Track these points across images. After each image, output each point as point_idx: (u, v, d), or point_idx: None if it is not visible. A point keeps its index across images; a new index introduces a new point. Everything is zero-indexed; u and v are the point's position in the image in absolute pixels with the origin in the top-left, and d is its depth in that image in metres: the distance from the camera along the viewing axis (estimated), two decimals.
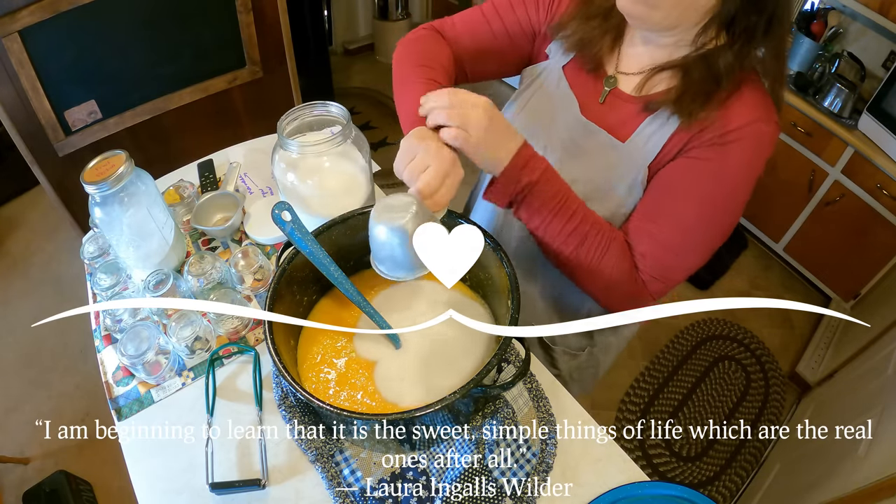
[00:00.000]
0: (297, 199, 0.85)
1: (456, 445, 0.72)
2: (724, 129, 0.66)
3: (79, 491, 1.60)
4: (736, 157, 0.67)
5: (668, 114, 0.70)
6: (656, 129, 0.72)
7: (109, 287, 0.89)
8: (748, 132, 0.66)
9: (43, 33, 1.47)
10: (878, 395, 1.38)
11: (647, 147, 0.73)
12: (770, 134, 0.67)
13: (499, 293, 0.73)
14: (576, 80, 0.80)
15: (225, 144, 1.19)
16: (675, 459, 1.84)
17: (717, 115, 0.67)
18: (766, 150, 0.68)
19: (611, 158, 0.76)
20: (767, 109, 0.67)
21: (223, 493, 0.70)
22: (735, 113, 0.66)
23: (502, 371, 0.78)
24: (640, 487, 0.70)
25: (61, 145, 1.68)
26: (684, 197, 0.71)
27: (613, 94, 0.77)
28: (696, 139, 0.69)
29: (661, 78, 0.72)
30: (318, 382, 0.71)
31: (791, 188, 2.20)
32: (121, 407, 0.79)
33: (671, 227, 0.72)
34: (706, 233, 0.73)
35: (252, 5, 1.80)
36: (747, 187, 0.70)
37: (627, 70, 0.76)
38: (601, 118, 0.77)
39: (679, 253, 0.73)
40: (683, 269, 0.76)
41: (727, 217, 0.72)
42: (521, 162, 0.67)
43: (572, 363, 1.04)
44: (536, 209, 0.70)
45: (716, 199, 0.70)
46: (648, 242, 0.73)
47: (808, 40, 2.12)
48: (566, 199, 0.70)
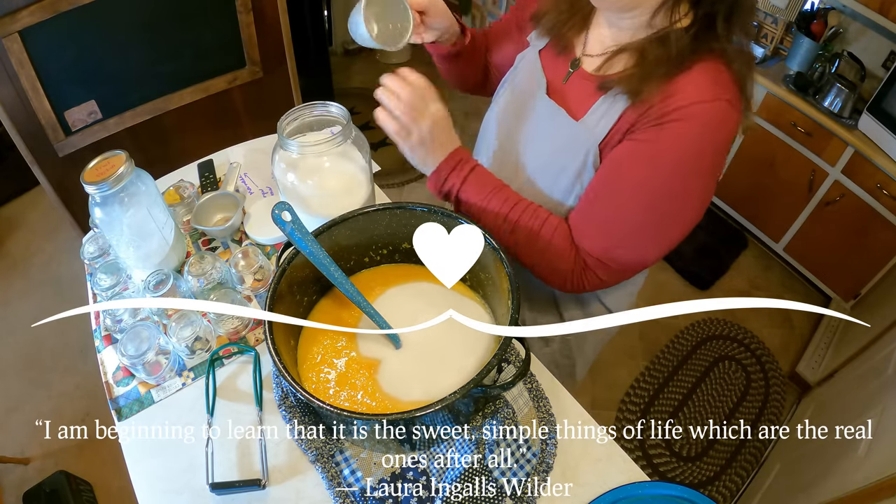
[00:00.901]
0: (297, 200, 0.85)
1: (456, 445, 0.72)
2: (665, 110, 0.66)
3: (79, 491, 1.60)
4: (673, 138, 0.66)
5: (618, 94, 0.71)
6: (607, 109, 0.73)
7: (109, 287, 0.89)
8: (689, 112, 0.65)
9: (43, 33, 1.47)
10: (878, 395, 1.38)
11: (599, 127, 0.74)
12: (717, 113, 0.65)
13: (499, 293, 0.73)
14: (548, 63, 0.84)
15: (225, 144, 1.19)
16: (675, 459, 1.84)
17: (662, 95, 0.66)
18: (715, 132, 0.66)
19: (565, 137, 0.78)
20: (717, 90, 0.65)
21: (223, 494, 0.70)
22: (679, 93, 0.66)
23: (502, 371, 0.78)
24: (640, 487, 0.70)
25: (61, 145, 1.68)
26: (623, 178, 0.71)
27: (577, 74, 0.79)
28: (640, 120, 0.69)
29: (619, 59, 0.74)
30: (318, 382, 0.71)
31: (791, 188, 2.20)
32: (121, 407, 0.79)
33: (612, 209, 0.72)
34: (648, 215, 0.72)
35: (252, 5, 1.80)
36: (694, 169, 0.68)
37: (592, 52, 0.78)
38: (563, 98, 0.80)
39: (621, 236, 0.74)
40: (629, 253, 0.75)
41: (673, 200, 0.71)
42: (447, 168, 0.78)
43: (545, 350, 1.05)
44: (466, 203, 0.79)
45: (653, 180, 0.69)
46: (591, 224, 0.74)
47: (807, 40, 2.12)
48: (494, 193, 0.77)
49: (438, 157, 0.78)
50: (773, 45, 2.30)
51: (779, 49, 2.32)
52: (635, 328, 2.20)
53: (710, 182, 0.71)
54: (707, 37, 0.66)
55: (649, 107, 0.68)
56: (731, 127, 0.67)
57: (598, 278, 0.76)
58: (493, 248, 0.70)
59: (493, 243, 0.70)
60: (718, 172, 0.72)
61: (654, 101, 0.67)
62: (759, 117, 2.22)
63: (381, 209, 0.76)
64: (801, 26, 2.15)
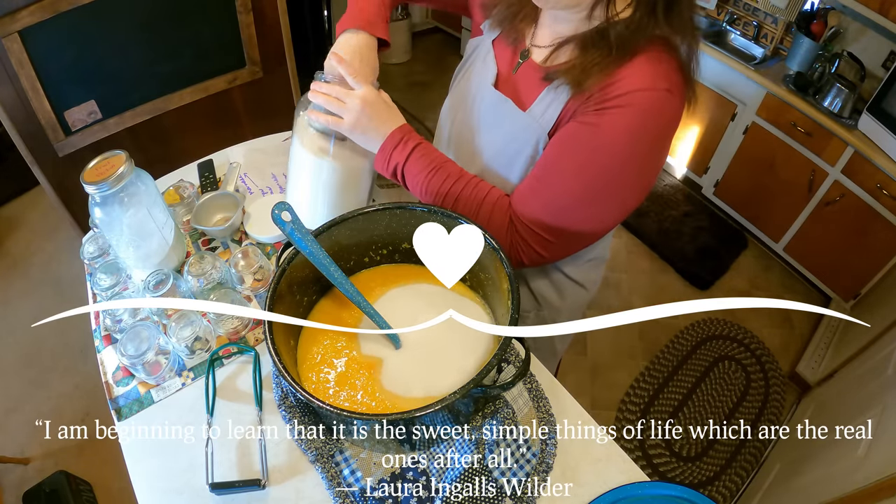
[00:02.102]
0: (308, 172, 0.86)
1: (456, 445, 0.72)
2: (607, 96, 0.68)
3: (79, 491, 1.60)
4: (614, 123, 0.68)
5: (561, 83, 0.73)
6: (552, 99, 0.75)
7: (109, 287, 0.89)
8: (628, 100, 0.66)
9: (43, 33, 1.47)
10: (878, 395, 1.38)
11: (546, 116, 0.76)
12: (655, 102, 0.67)
13: (499, 293, 0.73)
14: (500, 54, 0.85)
15: (225, 144, 1.19)
16: (675, 459, 1.84)
17: (603, 84, 0.68)
18: (655, 119, 0.68)
19: (514, 127, 0.80)
20: (659, 77, 0.67)
21: (223, 494, 0.70)
22: (621, 81, 0.67)
23: (502, 371, 0.78)
24: (640, 487, 0.70)
25: (61, 145, 1.68)
26: (565, 157, 0.73)
27: (526, 65, 0.81)
28: (584, 105, 0.71)
29: (564, 50, 0.75)
30: (317, 382, 0.71)
31: (791, 188, 2.20)
32: (121, 407, 0.79)
33: (554, 185, 0.74)
34: (586, 193, 0.73)
35: (252, 5, 1.80)
36: (630, 156, 0.70)
37: (540, 43, 0.80)
38: (512, 88, 0.82)
39: (561, 211, 0.75)
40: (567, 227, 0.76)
41: (610, 180, 0.72)
42: (390, 145, 0.79)
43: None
44: (411, 180, 0.81)
45: (592, 161, 0.71)
46: (534, 198, 0.76)
47: (807, 40, 2.12)
48: (438, 168, 0.79)
49: (381, 136, 0.79)
50: (773, 45, 2.30)
51: (779, 49, 2.32)
52: (635, 328, 2.20)
53: (647, 167, 0.73)
54: (648, 25, 0.67)
55: (590, 94, 0.70)
56: (669, 115, 0.69)
57: (536, 252, 0.78)
58: (494, 248, 0.70)
59: (493, 243, 0.70)
60: (658, 160, 0.74)
61: (594, 91, 0.69)
62: (760, 117, 2.22)
63: (381, 209, 0.76)
64: (801, 26, 2.15)
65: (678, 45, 0.69)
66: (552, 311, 1.04)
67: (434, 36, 3.89)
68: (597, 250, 1.00)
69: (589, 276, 1.02)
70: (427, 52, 3.73)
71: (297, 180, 0.88)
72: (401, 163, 0.80)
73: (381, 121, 0.79)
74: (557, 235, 0.76)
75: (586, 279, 1.01)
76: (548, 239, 0.76)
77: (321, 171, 0.85)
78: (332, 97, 0.78)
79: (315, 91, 0.79)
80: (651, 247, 2.53)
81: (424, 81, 3.46)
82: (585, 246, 0.86)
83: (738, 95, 2.27)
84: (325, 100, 0.78)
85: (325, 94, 0.78)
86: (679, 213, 2.65)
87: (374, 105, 0.78)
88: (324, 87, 0.78)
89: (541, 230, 0.76)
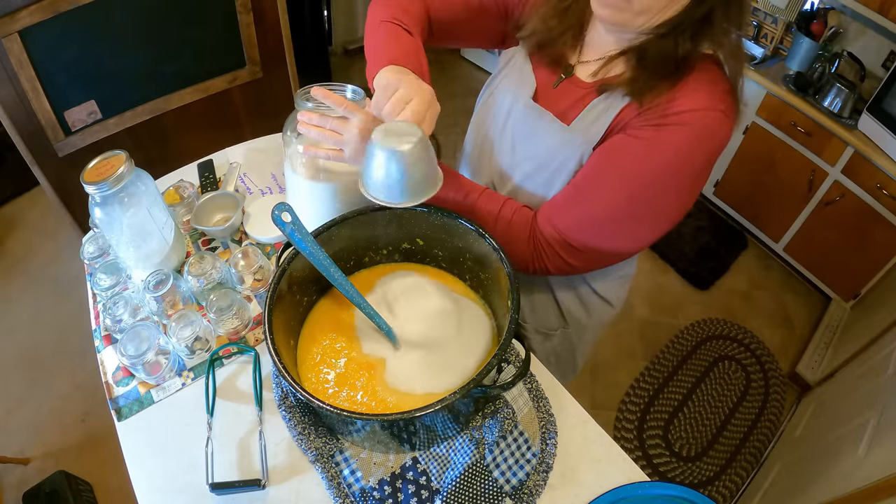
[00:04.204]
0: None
1: (456, 445, 0.72)
2: (666, 112, 0.66)
3: (79, 491, 1.60)
4: (670, 140, 0.67)
5: (616, 95, 0.71)
6: (601, 113, 0.73)
7: (109, 287, 0.89)
8: (690, 118, 0.66)
9: (43, 33, 1.47)
10: (878, 395, 1.38)
11: (593, 129, 0.74)
12: (712, 122, 0.66)
13: (499, 293, 0.73)
14: (539, 65, 0.82)
15: (225, 144, 1.19)
16: (675, 459, 1.84)
17: (664, 98, 0.67)
18: (709, 140, 0.67)
19: (555, 141, 0.78)
20: (716, 99, 0.66)
21: (223, 494, 0.70)
22: (681, 98, 0.66)
23: (502, 371, 0.78)
24: (640, 487, 0.70)
25: (61, 145, 1.68)
26: (613, 166, 0.71)
27: (568, 80, 0.79)
28: (638, 118, 0.69)
29: (618, 62, 0.73)
30: (317, 382, 0.71)
31: (791, 188, 2.20)
32: (121, 407, 0.79)
33: (596, 193, 0.72)
34: (629, 205, 0.71)
35: (252, 5, 1.80)
36: (680, 174, 0.69)
37: (588, 58, 0.78)
38: (552, 102, 0.79)
39: (599, 222, 0.73)
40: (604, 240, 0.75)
41: (656, 195, 0.71)
42: None
43: (547, 345, 1.05)
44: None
45: (641, 173, 0.69)
46: (573, 207, 0.74)
47: (807, 40, 2.12)
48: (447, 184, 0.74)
49: None
50: (773, 45, 2.30)
51: (779, 49, 2.32)
52: (635, 328, 2.20)
53: (693, 188, 0.71)
54: (705, 34, 0.66)
55: (648, 108, 0.68)
56: (722, 136, 0.68)
57: (565, 261, 0.76)
58: (494, 248, 0.70)
59: (493, 243, 0.70)
60: (703, 181, 0.72)
61: (652, 105, 0.67)
62: (759, 117, 2.22)
63: (381, 209, 0.76)
64: (800, 26, 2.15)
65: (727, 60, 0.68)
66: (578, 329, 1.02)
67: None
68: (627, 267, 0.98)
69: (617, 294, 1.00)
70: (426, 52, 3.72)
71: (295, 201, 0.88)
72: None
73: None
74: (588, 247, 0.74)
75: (614, 296, 0.99)
76: (578, 249, 0.74)
77: (320, 193, 0.85)
78: (326, 130, 0.72)
79: (306, 125, 0.73)
80: (651, 247, 2.53)
81: None
82: (617, 261, 0.83)
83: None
84: (320, 134, 0.72)
85: (317, 127, 0.72)
86: None
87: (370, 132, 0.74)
88: (315, 120, 0.72)
89: (572, 240, 0.74)
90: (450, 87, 3.14)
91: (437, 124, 0.70)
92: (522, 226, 0.77)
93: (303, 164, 0.83)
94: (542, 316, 1.01)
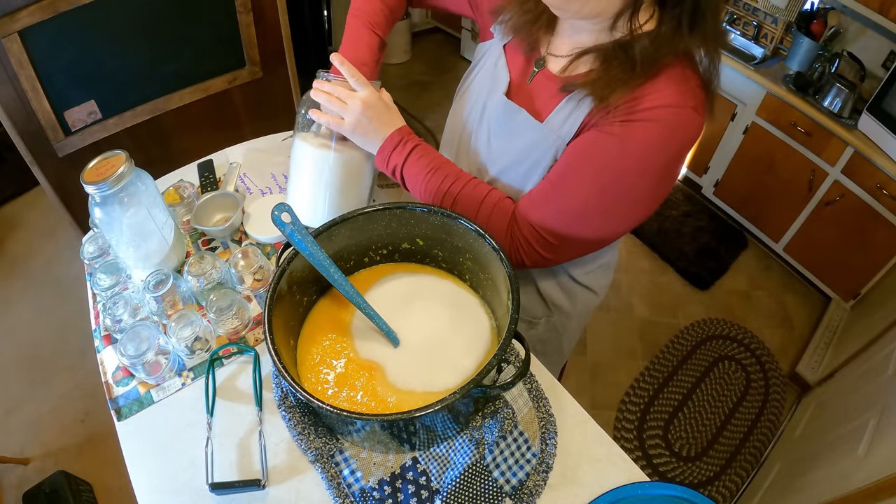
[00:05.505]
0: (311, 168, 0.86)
1: (456, 445, 0.72)
2: (635, 108, 0.67)
3: (79, 491, 1.60)
4: (641, 136, 0.67)
5: (583, 96, 0.72)
6: (572, 110, 0.74)
7: (109, 287, 0.89)
8: (658, 115, 0.66)
9: (43, 33, 1.47)
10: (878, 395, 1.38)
11: (565, 127, 0.75)
12: (682, 119, 0.66)
13: (499, 293, 0.73)
14: (513, 60, 0.84)
15: (225, 144, 1.19)
16: (675, 459, 1.84)
17: (629, 98, 0.67)
18: (679, 135, 0.67)
19: (530, 138, 0.79)
20: (686, 96, 0.66)
21: (223, 494, 0.70)
22: (651, 94, 0.66)
23: (502, 371, 0.78)
24: (640, 487, 0.70)
25: (61, 145, 1.68)
26: (585, 162, 0.72)
27: (541, 74, 0.80)
28: (609, 115, 0.70)
29: (584, 60, 0.74)
30: (317, 382, 0.71)
31: (791, 188, 2.21)
32: (121, 407, 0.79)
33: (569, 188, 0.73)
34: (600, 200, 0.73)
35: (252, 5, 1.80)
36: (651, 169, 0.69)
37: (557, 52, 0.78)
38: (526, 98, 0.81)
39: (571, 215, 0.74)
40: (575, 233, 0.76)
41: (626, 191, 0.71)
42: (389, 147, 0.80)
43: (532, 332, 1.06)
44: (410, 180, 0.82)
45: (612, 169, 0.70)
46: (546, 201, 0.75)
47: (807, 40, 2.12)
48: (436, 169, 0.80)
49: (380, 138, 0.80)
50: (773, 45, 2.30)
51: (779, 49, 2.32)
52: (635, 328, 2.20)
53: (664, 181, 0.72)
54: (673, 40, 0.66)
55: (617, 105, 0.69)
56: (692, 133, 0.68)
57: (539, 254, 0.77)
58: (494, 248, 0.70)
59: (493, 243, 0.70)
60: (676, 173, 0.73)
61: (618, 104, 0.68)
62: (759, 117, 2.22)
63: (381, 209, 0.76)
64: (800, 26, 2.15)
65: (701, 58, 0.68)
66: (562, 317, 1.03)
67: (434, 36, 3.90)
68: (607, 256, 0.99)
69: (599, 281, 1.01)
70: (427, 52, 3.73)
71: (299, 176, 0.88)
72: (399, 164, 0.80)
73: (380, 123, 0.80)
74: (563, 240, 0.76)
75: (596, 284, 1.01)
76: (552, 243, 0.76)
77: (323, 164, 0.85)
78: (334, 97, 0.79)
79: (317, 90, 0.79)
80: (651, 247, 2.53)
81: (424, 81, 3.46)
82: (589, 252, 0.86)
83: (738, 95, 2.27)
84: (327, 99, 0.79)
85: (327, 93, 0.79)
86: (679, 213, 2.65)
87: (374, 107, 0.78)
88: (326, 87, 0.79)
89: (547, 234, 0.75)
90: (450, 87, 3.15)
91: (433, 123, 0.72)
92: (502, 218, 0.78)
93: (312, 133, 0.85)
94: (525, 305, 1.02)
